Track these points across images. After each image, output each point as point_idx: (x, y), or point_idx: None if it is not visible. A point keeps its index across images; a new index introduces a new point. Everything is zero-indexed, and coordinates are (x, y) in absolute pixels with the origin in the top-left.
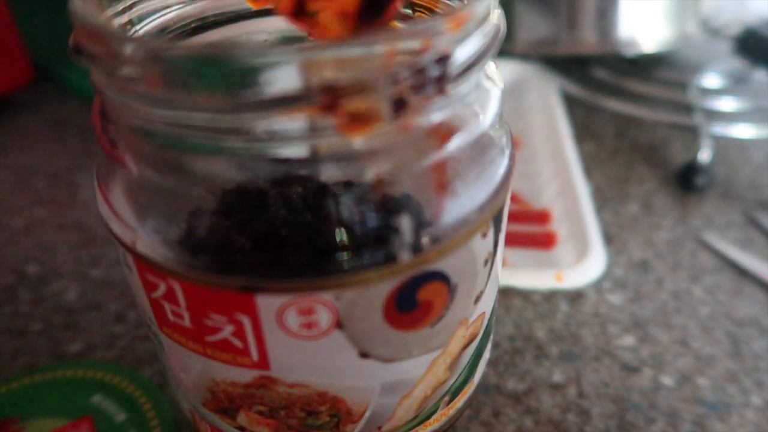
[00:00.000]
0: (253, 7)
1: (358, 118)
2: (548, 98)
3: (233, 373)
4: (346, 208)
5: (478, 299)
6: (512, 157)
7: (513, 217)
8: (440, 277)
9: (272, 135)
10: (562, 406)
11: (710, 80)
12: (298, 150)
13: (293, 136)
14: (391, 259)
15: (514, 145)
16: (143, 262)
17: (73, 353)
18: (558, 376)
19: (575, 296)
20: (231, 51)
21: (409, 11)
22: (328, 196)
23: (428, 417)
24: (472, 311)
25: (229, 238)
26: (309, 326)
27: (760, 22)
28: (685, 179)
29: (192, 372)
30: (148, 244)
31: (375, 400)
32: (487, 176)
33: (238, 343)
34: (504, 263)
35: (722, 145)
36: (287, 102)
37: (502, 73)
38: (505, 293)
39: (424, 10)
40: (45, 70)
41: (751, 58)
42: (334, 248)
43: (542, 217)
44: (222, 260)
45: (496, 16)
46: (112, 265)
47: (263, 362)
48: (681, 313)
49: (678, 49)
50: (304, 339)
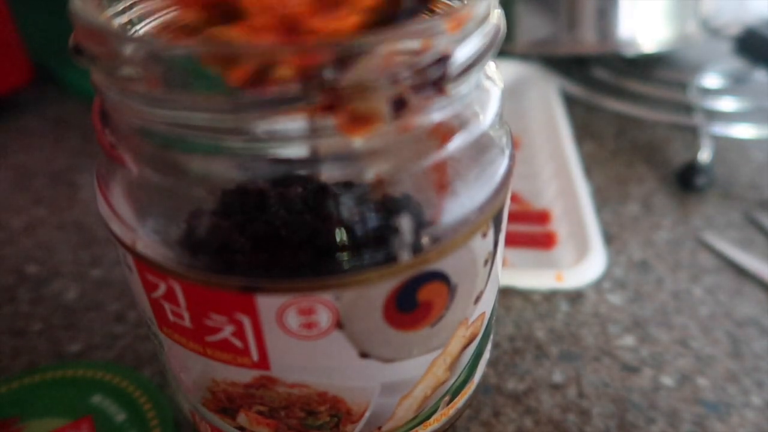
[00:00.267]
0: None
1: (359, 119)
2: (548, 98)
3: (233, 373)
4: (346, 208)
5: (478, 299)
6: (512, 157)
7: (513, 217)
8: (440, 277)
9: (272, 135)
10: (562, 406)
11: (710, 80)
12: (298, 150)
13: (293, 136)
14: (391, 259)
15: (514, 145)
16: (143, 262)
17: (73, 353)
18: (558, 376)
19: (575, 296)
20: (231, 51)
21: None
22: (328, 196)
23: (428, 417)
24: (472, 311)
25: (229, 238)
26: (309, 326)
27: (760, 22)
28: (685, 179)
29: (192, 372)
30: (148, 244)
31: (375, 400)
32: (487, 176)
33: (238, 343)
34: (504, 263)
35: (722, 145)
36: (287, 102)
37: (502, 73)
38: (505, 293)
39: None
40: (45, 70)
41: (751, 58)
42: (334, 248)
43: (542, 217)
44: (222, 260)
45: (496, 16)
46: (112, 265)
47: (263, 362)
48: (681, 313)
49: (678, 49)
50: (304, 339)
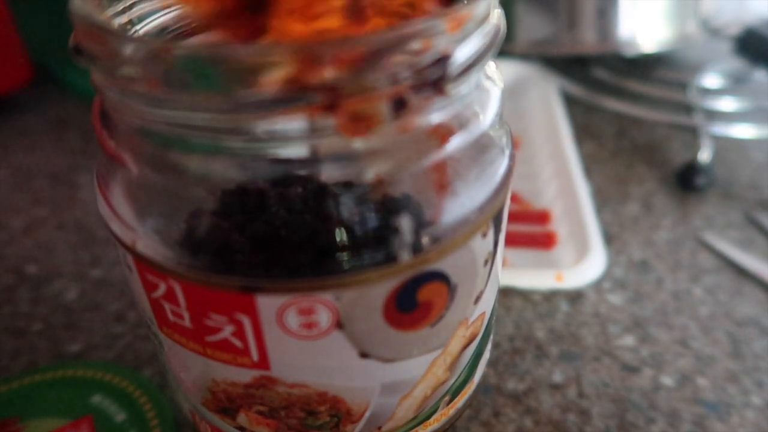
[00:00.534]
0: None
1: (359, 119)
2: (548, 98)
3: (233, 373)
4: (346, 208)
5: (478, 299)
6: (512, 157)
7: (513, 217)
8: (440, 277)
9: (272, 135)
10: (562, 406)
11: (710, 80)
12: (298, 150)
13: (293, 136)
14: (391, 259)
15: (514, 145)
16: (143, 262)
17: (73, 353)
18: (558, 376)
19: (575, 296)
20: (231, 51)
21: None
22: (328, 196)
23: (428, 417)
24: (472, 311)
25: (229, 238)
26: (309, 326)
27: (760, 22)
28: (685, 179)
29: (192, 372)
30: (148, 244)
31: (375, 400)
32: (487, 176)
33: (238, 343)
34: (504, 263)
35: (722, 145)
36: (287, 102)
37: (502, 73)
38: (505, 293)
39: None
40: (45, 70)
41: (751, 58)
42: (334, 248)
43: (542, 217)
44: (222, 260)
45: (496, 16)
46: (112, 265)
47: (263, 362)
48: (681, 313)
49: (678, 49)
50: (304, 339)
